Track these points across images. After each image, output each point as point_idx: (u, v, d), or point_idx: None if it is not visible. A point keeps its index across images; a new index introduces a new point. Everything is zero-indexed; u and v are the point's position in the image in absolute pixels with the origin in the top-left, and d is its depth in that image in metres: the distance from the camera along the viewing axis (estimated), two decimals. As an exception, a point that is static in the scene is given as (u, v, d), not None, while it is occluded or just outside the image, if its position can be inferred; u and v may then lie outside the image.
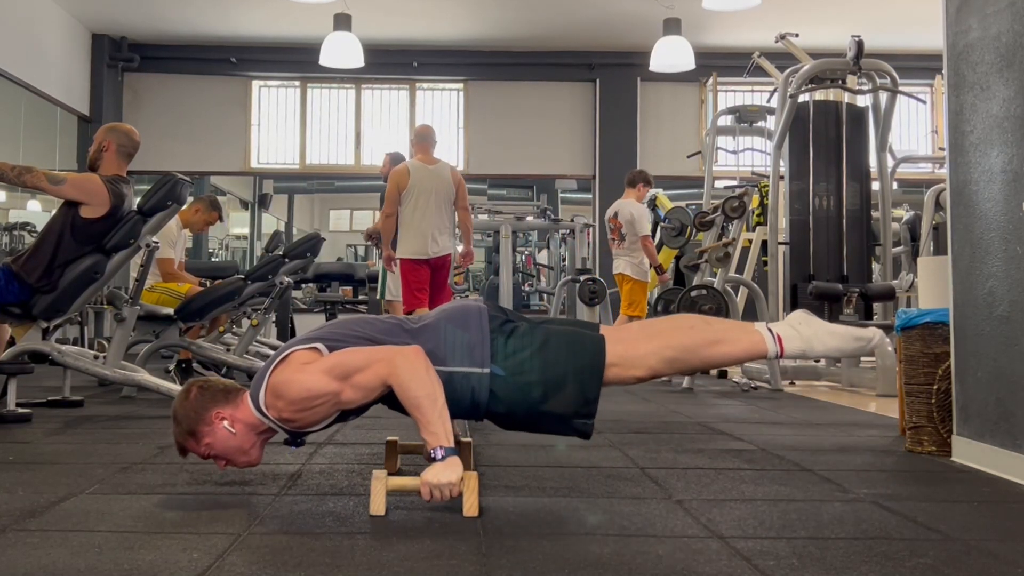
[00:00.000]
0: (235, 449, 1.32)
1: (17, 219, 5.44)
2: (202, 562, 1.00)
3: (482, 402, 1.30)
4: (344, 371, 1.26)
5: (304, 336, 1.35)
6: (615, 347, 1.32)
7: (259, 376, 1.31)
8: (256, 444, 1.34)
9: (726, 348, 1.34)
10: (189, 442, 1.32)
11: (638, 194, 4.39)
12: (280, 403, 1.27)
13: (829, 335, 1.35)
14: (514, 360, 1.29)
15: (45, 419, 2.28)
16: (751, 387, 3.48)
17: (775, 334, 1.35)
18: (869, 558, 1.05)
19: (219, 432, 1.30)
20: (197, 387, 1.34)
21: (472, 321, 1.32)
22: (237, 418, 1.31)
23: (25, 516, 1.22)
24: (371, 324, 1.36)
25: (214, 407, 1.31)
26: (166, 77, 6.47)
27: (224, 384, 1.36)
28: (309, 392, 1.25)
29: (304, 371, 1.26)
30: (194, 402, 1.32)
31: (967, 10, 1.75)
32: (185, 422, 1.32)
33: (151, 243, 2.47)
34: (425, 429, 1.24)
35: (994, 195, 1.64)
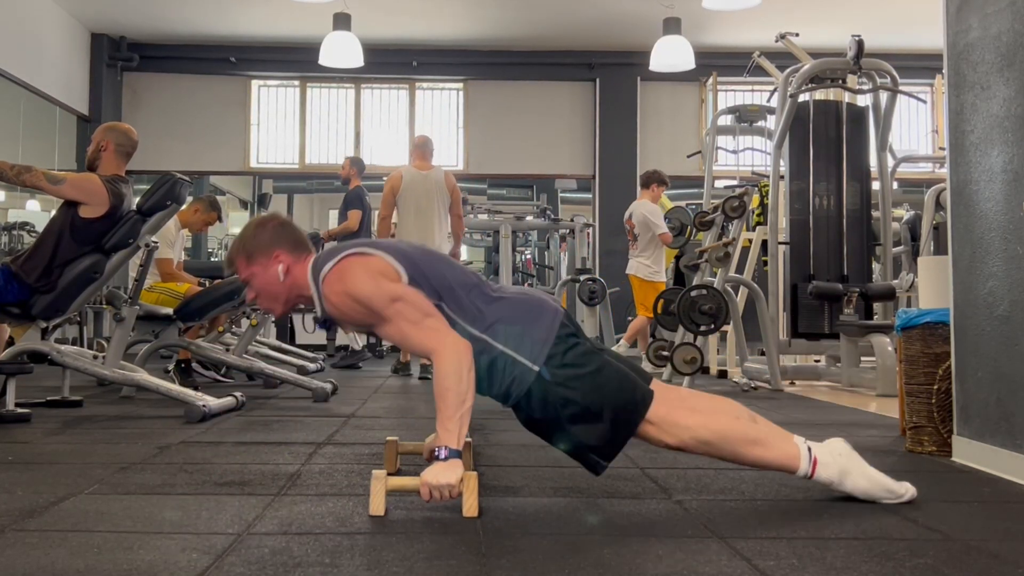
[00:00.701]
0: (272, 293, 1.37)
1: (16, 219, 5.44)
2: (201, 562, 1.00)
3: (516, 394, 1.29)
4: (403, 312, 1.26)
5: (397, 247, 1.35)
6: (659, 407, 1.30)
7: (334, 251, 1.34)
8: (289, 301, 1.38)
9: (760, 451, 1.32)
10: (241, 260, 1.38)
11: (652, 195, 4.40)
12: (337, 286, 1.29)
13: (864, 477, 1.32)
14: (564, 372, 1.28)
15: (44, 419, 2.28)
16: (751, 387, 3.48)
17: (813, 455, 1.32)
18: (869, 558, 1.05)
19: (271, 270, 1.36)
20: (279, 222, 1.41)
21: (546, 318, 1.31)
22: (293, 271, 1.36)
23: (24, 516, 1.22)
24: (457, 269, 1.36)
25: (282, 248, 1.36)
26: (165, 77, 6.46)
27: (302, 235, 1.40)
28: (367, 300, 1.27)
29: (375, 280, 1.28)
30: (269, 233, 1.37)
31: (967, 9, 1.75)
32: (251, 244, 1.37)
33: (150, 243, 2.46)
34: (442, 424, 1.23)
35: (994, 195, 1.64)
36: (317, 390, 2.87)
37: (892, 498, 1.33)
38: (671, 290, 4.04)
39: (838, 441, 1.36)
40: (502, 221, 5.83)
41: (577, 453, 1.31)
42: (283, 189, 9.36)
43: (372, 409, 2.67)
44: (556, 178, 6.91)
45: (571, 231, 6.01)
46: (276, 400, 2.89)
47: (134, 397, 2.84)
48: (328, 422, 2.30)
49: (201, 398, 2.35)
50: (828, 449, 1.35)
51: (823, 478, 1.33)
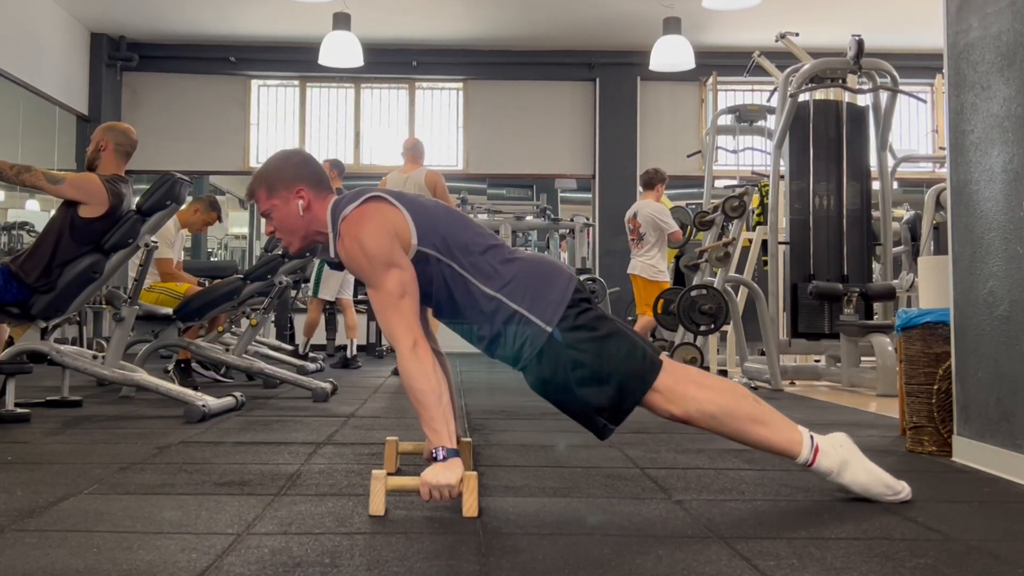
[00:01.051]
0: (291, 227, 1.37)
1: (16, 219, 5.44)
2: (201, 562, 0.99)
3: (527, 356, 1.29)
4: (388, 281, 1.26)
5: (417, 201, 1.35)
6: (666, 378, 1.31)
7: (358, 193, 1.34)
8: (307, 237, 1.38)
9: (765, 432, 1.32)
10: (261, 192, 1.37)
11: (656, 194, 4.39)
12: (353, 229, 1.29)
13: (863, 470, 1.32)
14: (575, 335, 1.28)
15: (44, 419, 2.28)
16: (751, 387, 3.48)
17: (815, 443, 1.33)
18: (869, 558, 1.05)
19: (291, 204, 1.35)
20: (304, 157, 1.41)
21: (560, 281, 1.32)
22: (313, 207, 1.36)
23: (23, 516, 1.21)
24: (472, 231, 1.35)
25: (304, 184, 1.36)
26: (165, 76, 6.46)
27: (325, 174, 1.40)
28: (370, 252, 1.27)
29: (387, 238, 1.27)
30: (293, 167, 1.37)
31: (967, 9, 1.74)
32: (273, 175, 1.37)
33: (149, 243, 2.46)
34: (428, 425, 1.23)
35: (995, 194, 1.64)
36: (317, 390, 2.87)
37: (889, 494, 1.33)
38: (671, 290, 4.04)
39: (841, 435, 1.37)
40: (502, 221, 5.83)
41: (584, 416, 1.31)
42: (283, 189, 9.30)
43: (372, 409, 2.67)
44: (556, 178, 6.91)
45: (571, 231, 6.01)
46: (276, 400, 2.89)
47: (134, 397, 2.84)
48: (328, 422, 2.30)
49: (201, 398, 2.35)
50: (830, 440, 1.35)
51: (823, 467, 1.33)
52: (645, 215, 4.31)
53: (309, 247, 1.41)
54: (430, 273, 1.31)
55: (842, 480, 1.33)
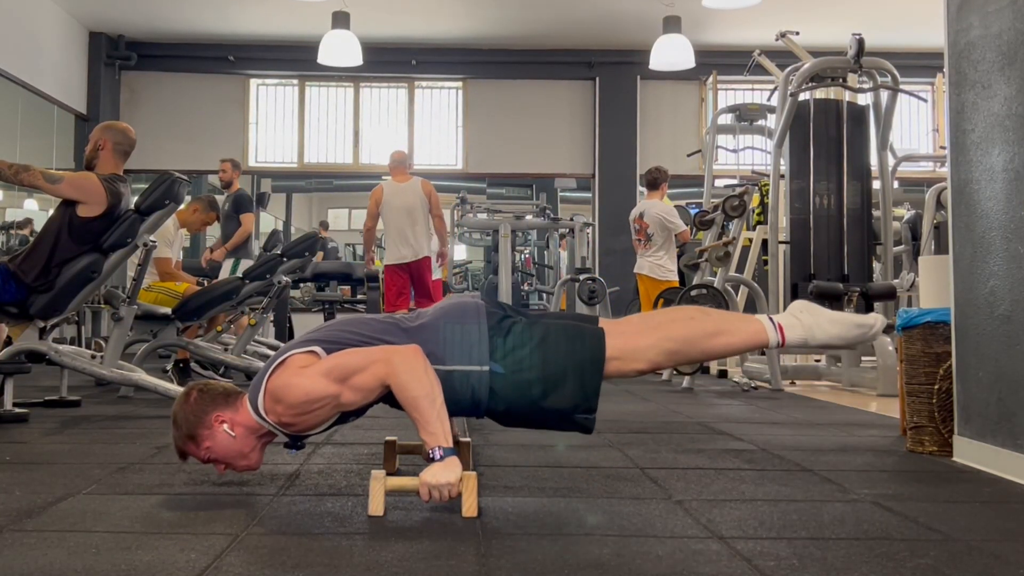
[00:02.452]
0: (235, 453, 1.32)
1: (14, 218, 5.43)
2: (200, 563, 0.99)
3: (482, 400, 1.30)
4: (343, 373, 1.25)
5: (301, 339, 1.34)
6: (615, 340, 1.31)
7: (257, 380, 1.31)
8: (256, 448, 1.34)
9: (727, 339, 1.33)
10: (189, 446, 1.32)
11: (661, 194, 4.39)
12: (279, 407, 1.27)
13: (830, 323, 1.34)
14: (513, 357, 1.28)
15: (42, 419, 2.27)
16: (751, 387, 3.48)
17: (776, 323, 1.34)
18: (870, 558, 1.05)
19: (219, 436, 1.30)
20: (197, 390, 1.34)
21: (470, 318, 1.32)
22: (237, 421, 1.30)
23: (22, 516, 1.21)
24: (367, 324, 1.35)
25: (214, 410, 1.31)
26: (163, 75, 6.45)
27: (224, 387, 1.35)
28: (308, 396, 1.25)
29: (302, 375, 1.25)
30: (194, 405, 1.32)
31: (968, 8, 1.74)
32: (185, 426, 1.31)
33: (148, 242, 2.46)
34: (424, 429, 1.23)
35: (995, 194, 1.64)
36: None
37: (865, 331, 1.34)
38: (671, 289, 4.04)
39: (796, 303, 1.39)
40: (501, 220, 5.82)
41: (562, 421, 1.31)
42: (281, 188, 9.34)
43: (371, 409, 2.66)
44: (555, 177, 6.92)
45: (570, 230, 5.99)
46: (275, 399, 2.88)
47: (132, 397, 2.84)
48: (327, 422, 2.30)
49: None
50: (789, 313, 1.37)
51: (794, 339, 1.34)
52: (652, 215, 4.30)
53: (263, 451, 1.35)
54: None
55: (817, 342, 1.35)
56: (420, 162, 6.77)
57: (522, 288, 7.34)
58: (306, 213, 11.39)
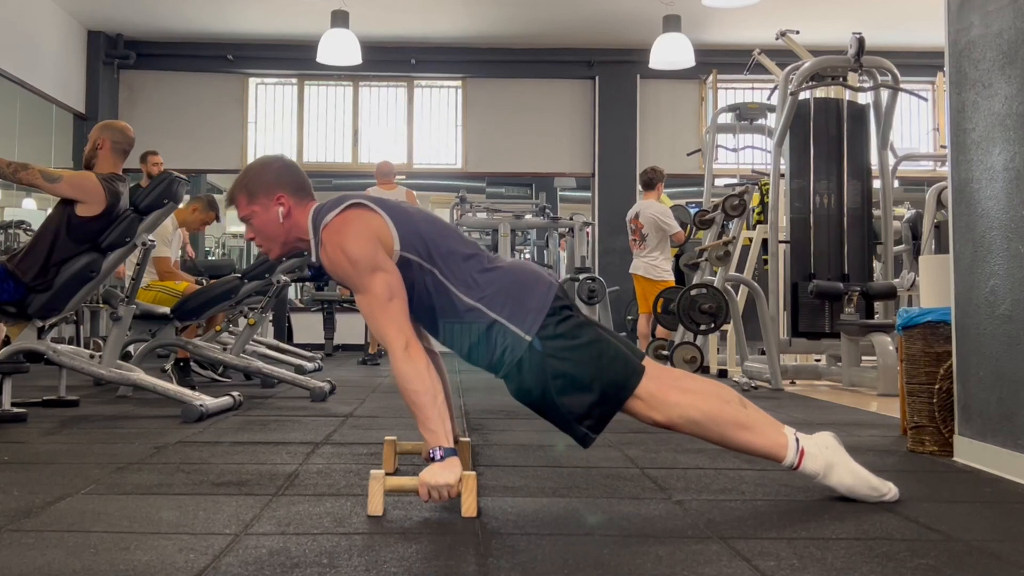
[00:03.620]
0: (270, 234, 1.36)
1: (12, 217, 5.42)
2: (198, 563, 0.99)
3: (507, 364, 1.29)
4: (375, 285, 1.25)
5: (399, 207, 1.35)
6: (649, 384, 1.30)
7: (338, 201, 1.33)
8: (287, 244, 1.37)
9: (749, 437, 1.31)
10: (242, 197, 1.36)
11: (657, 194, 4.39)
12: (334, 236, 1.29)
13: (849, 472, 1.32)
14: (556, 343, 1.28)
15: (40, 419, 2.27)
16: (752, 387, 3.47)
17: (800, 446, 1.32)
18: (870, 559, 1.04)
19: (272, 211, 1.35)
20: (287, 163, 1.39)
21: (540, 289, 1.31)
22: (294, 214, 1.35)
23: (20, 516, 1.21)
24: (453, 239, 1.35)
25: (285, 190, 1.35)
26: (162, 74, 6.44)
27: (307, 182, 1.39)
28: (354, 258, 1.26)
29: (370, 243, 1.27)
30: (273, 173, 1.36)
31: (969, 7, 1.74)
32: (253, 183, 1.36)
33: (147, 241, 2.45)
34: (423, 426, 1.23)
35: (996, 193, 1.63)
36: (315, 390, 2.86)
37: (875, 496, 1.33)
38: (671, 289, 4.04)
39: (827, 435, 1.36)
40: (501, 219, 5.81)
41: (565, 424, 1.31)
42: (281, 187, 9.28)
43: (370, 409, 2.66)
44: (555, 176, 6.91)
45: (570, 230, 5.99)
46: (274, 400, 2.88)
47: (131, 396, 2.83)
48: (326, 422, 2.29)
49: (198, 397, 2.34)
50: (816, 442, 1.34)
51: (808, 470, 1.32)
52: (647, 216, 4.30)
53: (289, 254, 1.41)
54: (411, 279, 1.31)
55: (828, 483, 1.33)
56: (419, 161, 6.77)
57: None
58: (305, 212, 11.26)
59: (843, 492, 1.33)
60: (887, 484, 1.35)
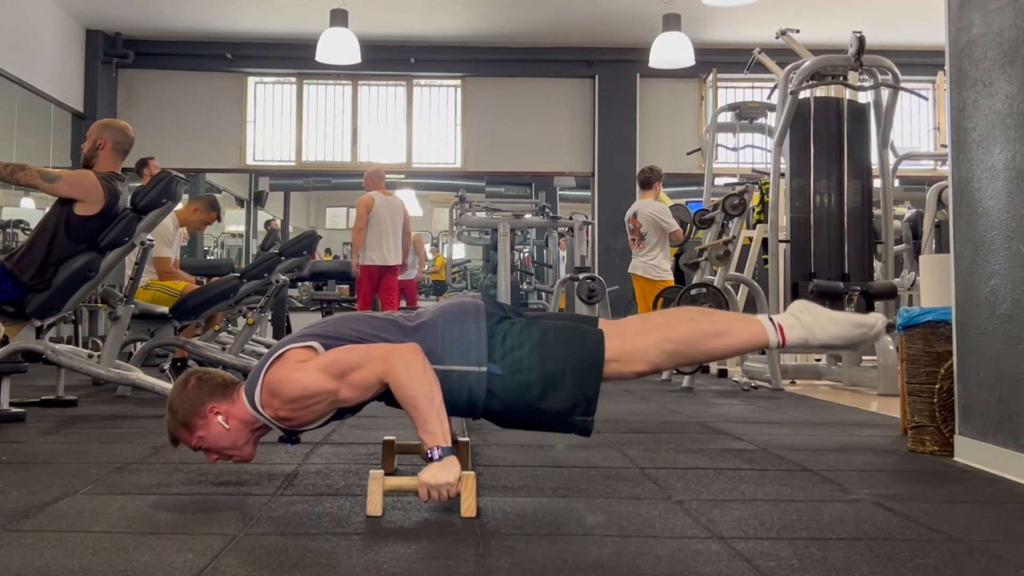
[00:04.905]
0: (228, 444, 1.31)
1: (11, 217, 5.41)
2: (197, 563, 0.99)
3: (480, 401, 1.29)
4: (340, 369, 1.24)
5: (299, 333, 1.34)
6: (613, 342, 1.30)
7: (254, 373, 1.30)
8: (250, 440, 1.34)
9: (727, 339, 1.32)
10: (182, 432, 1.32)
11: (655, 193, 4.39)
12: (276, 401, 1.26)
13: (831, 323, 1.33)
14: (512, 358, 1.28)
15: (39, 419, 2.27)
16: (751, 386, 3.47)
17: (776, 323, 1.33)
18: (871, 559, 1.04)
19: (213, 426, 1.30)
20: (196, 378, 1.34)
21: (469, 318, 1.31)
22: (232, 414, 1.30)
23: (19, 516, 1.20)
24: (366, 321, 1.34)
25: (211, 401, 1.30)
26: (161, 73, 6.43)
27: (223, 377, 1.35)
28: (305, 391, 1.24)
29: (300, 369, 1.25)
30: (191, 393, 1.31)
31: (969, 6, 1.73)
32: (180, 413, 1.31)
33: (145, 241, 2.45)
34: (422, 428, 1.23)
35: (997, 192, 1.63)
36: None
37: (867, 331, 1.33)
38: (671, 288, 4.03)
39: (796, 303, 1.38)
40: (500, 219, 5.81)
41: (560, 423, 1.30)
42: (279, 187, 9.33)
43: (370, 408, 2.64)
44: (555, 176, 6.90)
45: (570, 229, 5.99)
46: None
47: (129, 396, 2.83)
48: (326, 421, 2.29)
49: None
50: (789, 313, 1.36)
51: (795, 340, 1.33)
52: (646, 215, 4.29)
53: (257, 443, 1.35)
54: None
55: (818, 342, 1.34)
56: (418, 161, 6.77)
57: (521, 287, 7.33)
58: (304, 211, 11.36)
59: (838, 344, 1.34)
60: (872, 315, 1.36)
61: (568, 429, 1.32)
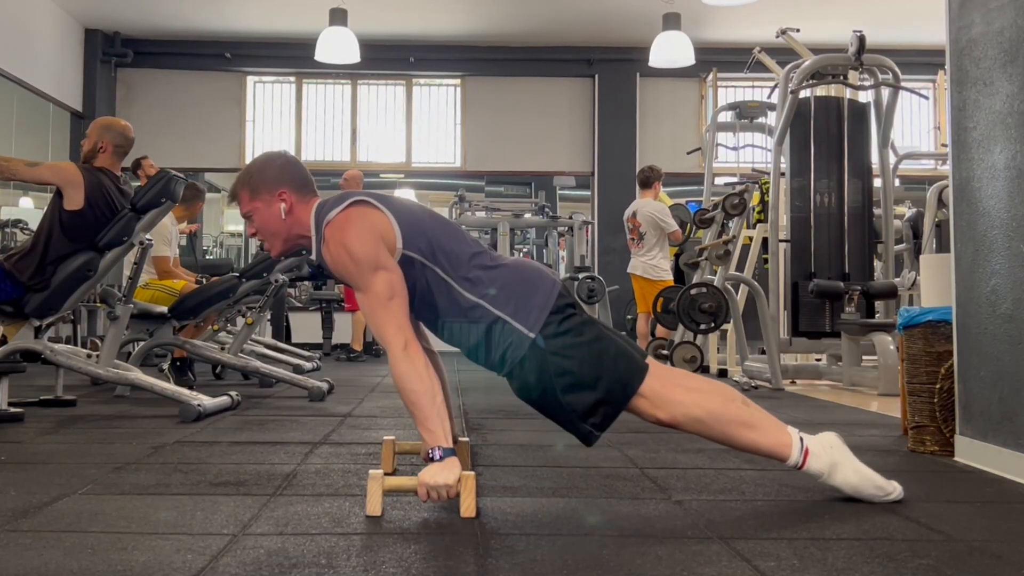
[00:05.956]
0: (272, 230, 1.36)
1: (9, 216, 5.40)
2: (196, 563, 0.98)
3: (511, 362, 1.29)
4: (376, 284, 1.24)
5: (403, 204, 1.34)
6: (653, 382, 1.29)
7: (342, 197, 1.33)
8: (290, 241, 1.37)
9: (754, 436, 1.31)
10: (244, 193, 1.37)
11: (654, 193, 4.38)
12: (337, 234, 1.28)
13: (853, 472, 1.31)
14: (560, 341, 1.27)
15: (37, 418, 2.26)
16: (752, 386, 3.47)
17: (805, 445, 1.32)
18: (871, 559, 1.04)
19: (273, 207, 1.35)
20: (288, 159, 1.39)
21: (544, 286, 1.31)
22: (296, 210, 1.35)
23: (17, 516, 1.20)
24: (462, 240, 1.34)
25: (287, 187, 1.35)
26: (160, 72, 6.43)
27: (309, 176, 1.39)
28: (356, 256, 1.26)
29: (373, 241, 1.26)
30: (276, 170, 1.36)
31: (970, 5, 1.73)
32: (255, 178, 1.36)
33: (144, 240, 2.45)
34: (422, 426, 1.22)
35: (997, 192, 1.63)
36: (313, 389, 2.86)
37: (880, 495, 1.32)
38: (671, 288, 4.03)
39: (831, 435, 1.36)
40: (500, 218, 5.80)
41: (569, 422, 1.30)
42: (280, 186, 9.25)
43: (369, 408, 2.65)
44: (554, 175, 6.90)
45: (570, 229, 5.99)
46: (272, 399, 2.87)
47: (128, 396, 2.82)
48: (324, 421, 2.29)
49: (196, 397, 2.33)
50: (820, 441, 1.34)
51: (813, 469, 1.32)
52: (645, 214, 4.29)
53: (291, 250, 1.41)
54: (414, 277, 1.30)
55: (832, 482, 1.33)
56: (418, 160, 6.77)
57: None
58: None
59: (848, 492, 1.33)
60: (892, 483, 1.34)
61: (574, 430, 1.31)
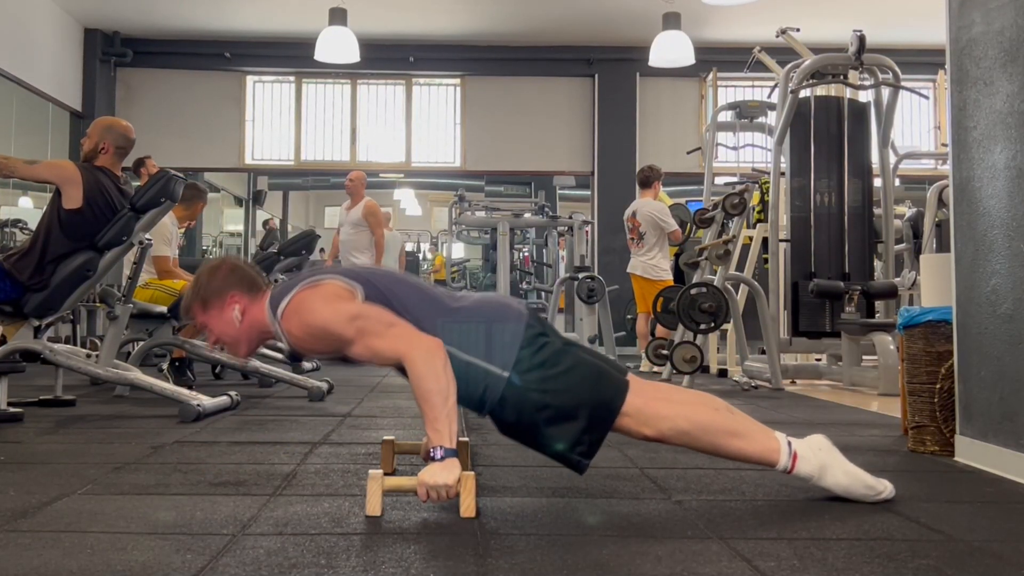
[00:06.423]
0: (231, 336, 1.36)
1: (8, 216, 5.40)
2: (196, 563, 0.98)
3: (491, 402, 1.29)
4: (364, 328, 1.24)
5: (350, 270, 1.36)
6: (635, 399, 1.29)
7: (288, 285, 1.33)
8: (252, 341, 1.38)
9: (741, 444, 1.31)
10: (196, 307, 1.37)
11: (654, 192, 4.38)
12: (295, 320, 1.28)
13: (843, 473, 1.31)
14: (535, 375, 1.26)
15: (37, 418, 2.26)
16: (752, 386, 3.47)
17: (793, 450, 1.31)
18: (871, 559, 1.04)
19: (226, 314, 1.35)
20: (232, 265, 1.39)
21: (510, 322, 1.30)
22: (250, 311, 1.35)
23: (16, 517, 1.20)
24: (414, 291, 1.33)
25: (235, 290, 1.35)
26: (159, 72, 6.43)
27: (256, 274, 1.39)
28: (325, 327, 1.25)
29: (331, 305, 1.26)
30: (221, 277, 1.36)
31: (970, 5, 1.73)
32: (203, 290, 1.36)
33: (144, 240, 2.44)
34: (431, 424, 1.22)
35: (997, 191, 1.63)
36: (313, 389, 2.85)
37: (871, 494, 1.32)
38: (670, 288, 4.03)
39: (819, 437, 1.35)
40: (500, 218, 5.80)
41: (557, 455, 1.30)
42: (278, 186, 9.32)
43: (368, 408, 2.65)
44: (554, 175, 6.90)
45: (569, 228, 5.98)
46: (271, 399, 2.87)
47: (128, 396, 2.82)
48: (324, 421, 2.29)
49: (195, 397, 2.33)
50: (808, 444, 1.34)
51: (803, 473, 1.32)
52: (645, 214, 4.29)
53: (257, 348, 1.41)
54: None
55: (823, 484, 1.32)
56: (418, 160, 6.77)
57: (520, 287, 7.33)
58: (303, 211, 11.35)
59: (839, 493, 1.33)
60: (882, 482, 1.34)
61: (564, 462, 1.31)
